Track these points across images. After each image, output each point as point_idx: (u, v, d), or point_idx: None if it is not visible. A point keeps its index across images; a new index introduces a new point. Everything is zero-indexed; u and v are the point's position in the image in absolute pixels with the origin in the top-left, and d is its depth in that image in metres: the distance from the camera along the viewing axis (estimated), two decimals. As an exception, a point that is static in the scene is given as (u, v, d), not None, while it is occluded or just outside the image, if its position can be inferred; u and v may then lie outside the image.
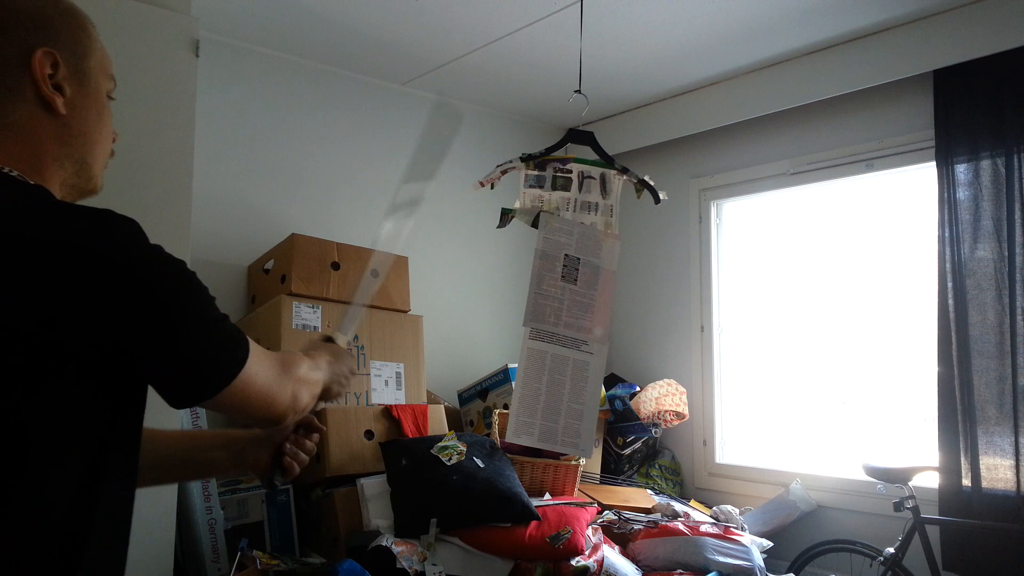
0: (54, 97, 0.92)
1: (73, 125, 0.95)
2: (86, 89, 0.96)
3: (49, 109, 0.92)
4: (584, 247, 1.99)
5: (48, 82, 0.91)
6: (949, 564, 2.66)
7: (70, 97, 0.94)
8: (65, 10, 0.95)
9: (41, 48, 0.91)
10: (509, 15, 2.79)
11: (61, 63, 0.92)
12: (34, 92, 0.91)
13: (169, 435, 1.25)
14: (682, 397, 3.44)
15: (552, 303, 1.98)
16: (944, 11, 2.72)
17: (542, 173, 2.16)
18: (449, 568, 2.26)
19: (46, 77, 0.91)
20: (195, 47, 2.15)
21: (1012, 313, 2.58)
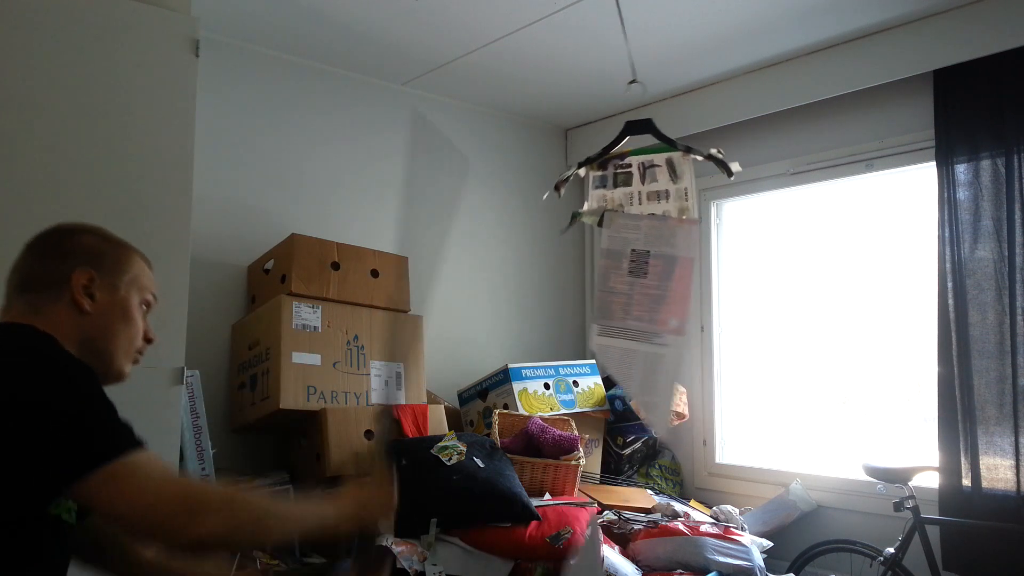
0: (82, 300, 1.18)
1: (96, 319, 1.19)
2: (115, 297, 1.22)
3: (78, 309, 1.18)
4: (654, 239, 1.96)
5: (81, 291, 1.18)
6: (949, 564, 2.66)
7: (99, 301, 1.20)
8: (116, 246, 1.26)
9: (80, 267, 1.19)
10: (509, 15, 2.79)
11: (96, 278, 1.20)
12: (69, 297, 1.18)
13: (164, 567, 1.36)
14: (682, 397, 3.43)
15: (620, 299, 1.96)
16: (944, 11, 2.72)
17: (604, 172, 2.14)
18: (449, 568, 2.26)
19: (80, 286, 1.18)
20: (195, 47, 2.15)
21: (1012, 313, 2.58)
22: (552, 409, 3.15)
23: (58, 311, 1.17)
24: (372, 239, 3.10)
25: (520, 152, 3.96)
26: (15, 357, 1.06)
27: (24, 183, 1.89)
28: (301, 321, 2.60)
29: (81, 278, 1.18)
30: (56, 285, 1.18)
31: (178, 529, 1.02)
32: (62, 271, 1.19)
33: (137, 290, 1.26)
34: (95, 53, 2.01)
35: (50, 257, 1.21)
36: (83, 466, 1.00)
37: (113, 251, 1.25)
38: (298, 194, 3.18)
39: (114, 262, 1.24)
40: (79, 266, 1.19)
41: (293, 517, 1.20)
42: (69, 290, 1.18)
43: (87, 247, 1.22)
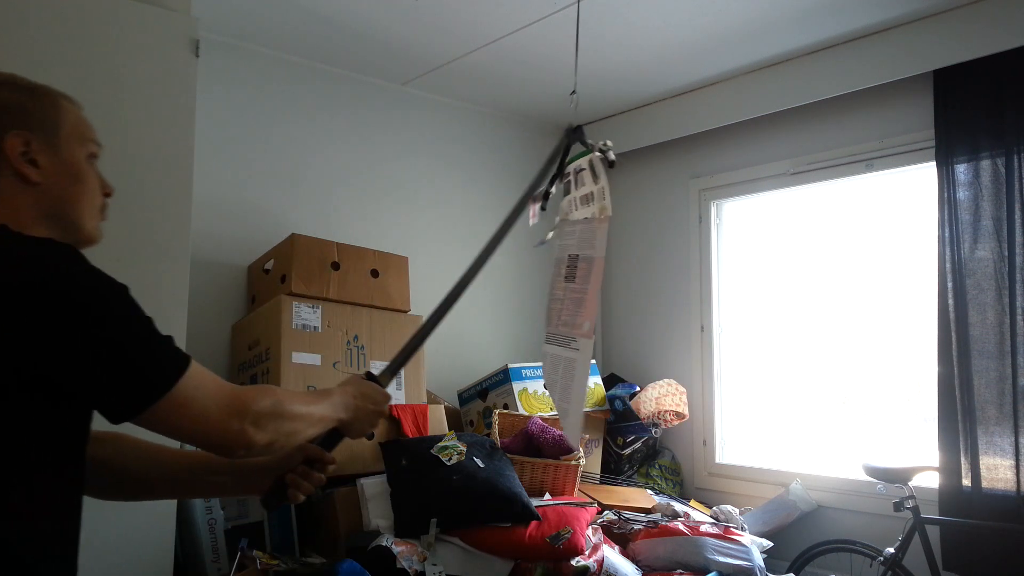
0: (26, 170, 1.06)
1: (50, 190, 1.08)
2: (59, 157, 1.10)
3: (25, 180, 1.06)
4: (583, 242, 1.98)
5: (20, 159, 1.06)
6: (949, 564, 2.66)
7: (44, 166, 1.08)
8: (39, 95, 1.12)
9: (11, 132, 1.06)
10: (509, 15, 2.79)
11: (32, 140, 1.07)
12: (11, 168, 1.05)
13: (182, 454, 1.32)
14: (682, 397, 3.44)
15: (556, 305, 1.98)
16: (944, 11, 2.72)
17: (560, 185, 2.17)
18: (449, 568, 2.26)
19: (18, 155, 1.06)
20: (195, 47, 2.15)
21: (1012, 313, 2.58)
22: (552, 409, 3.15)
23: (7, 190, 1.05)
24: (372, 239, 3.10)
25: (520, 152, 3.96)
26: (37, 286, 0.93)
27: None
28: (301, 321, 2.60)
29: (16, 145, 1.06)
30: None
31: (239, 442, 1.05)
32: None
33: (79, 143, 1.13)
34: (95, 53, 2.01)
35: None
36: (144, 402, 0.97)
37: (38, 104, 1.11)
38: (298, 194, 3.18)
39: (44, 117, 1.10)
40: (8, 130, 1.06)
41: (315, 418, 1.19)
42: (6, 162, 1.05)
43: (7, 105, 1.08)
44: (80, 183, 1.12)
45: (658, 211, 3.82)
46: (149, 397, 0.97)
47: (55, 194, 1.09)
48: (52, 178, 1.08)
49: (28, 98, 1.10)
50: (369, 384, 1.33)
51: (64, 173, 1.10)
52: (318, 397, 1.22)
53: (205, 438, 1.05)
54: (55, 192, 1.09)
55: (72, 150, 1.12)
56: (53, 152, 1.09)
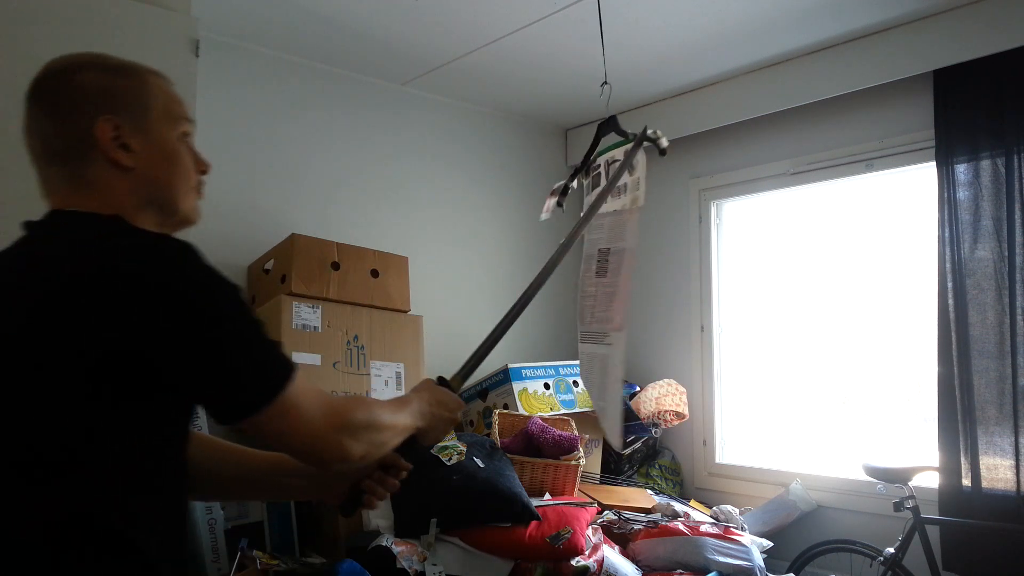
0: (119, 156, 1.02)
1: (144, 173, 1.05)
2: (151, 139, 1.06)
3: (119, 166, 1.03)
4: (613, 235, 1.94)
5: (112, 145, 1.02)
6: (949, 564, 2.66)
7: (137, 150, 1.04)
8: (125, 75, 1.07)
9: (101, 118, 1.01)
10: (510, 14, 2.79)
11: (122, 124, 1.03)
12: (103, 155, 1.02)
13: (260, 456, 1.29)
14: (682, 397, 3.44)
15: (589, 302, 1.94)
16: (944, 11, 2.72)
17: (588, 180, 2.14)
18: (449, 568, 2.26)
19: (110, 141, 1.02)
20: (195, 47, 2.15)
21: (1012, 313, 2.58)
22: (552, 409, 3.15)
23: (104, 179, 1.02)
24: (372, 239, 3.10)
25: (520, 152, 3.96)
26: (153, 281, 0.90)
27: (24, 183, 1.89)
28: (301, 321, 2.60)
29: (106, 131, 1.02)
30: (80, 146, 1.02)
31: (337, 454, 1.05)
32: (79, 127, 1.02)
33: (171, 122, 1.09)
34: (95, 53, 2.01)
35: (57, 112, 1.03)
36: (253, 406, 0.96)
37: (125, 85, 1.06)
38: (298, 194, 3.18)
39: (132, 98, 1.05)
40: (97, 117, 1.01)
41: (400, 428, 1.18)
42: (98, 149, 1.01)
43: (94, 88, 1.03)
44: (174, 164, 1.09)
45: (658, 211, 3.81)
46: (259, 401, 0.96)
47: (150, 178, 1.05)
48: (145, 162, 1.05)
49: (115, 79, 1.05)
50: (444, 391, 1.32)
51: (157, 155, 1.06)
52: (401, 405, 1.21)
53: (306, 448, 1.04)
54: (150, 176, 1.05)
55: (163, 130, 1.08)
56: (144, 134, 1.05)
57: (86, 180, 1.02)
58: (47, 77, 1.06)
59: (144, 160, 1.04)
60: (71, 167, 1.02)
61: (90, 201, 1.01)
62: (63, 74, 1.04)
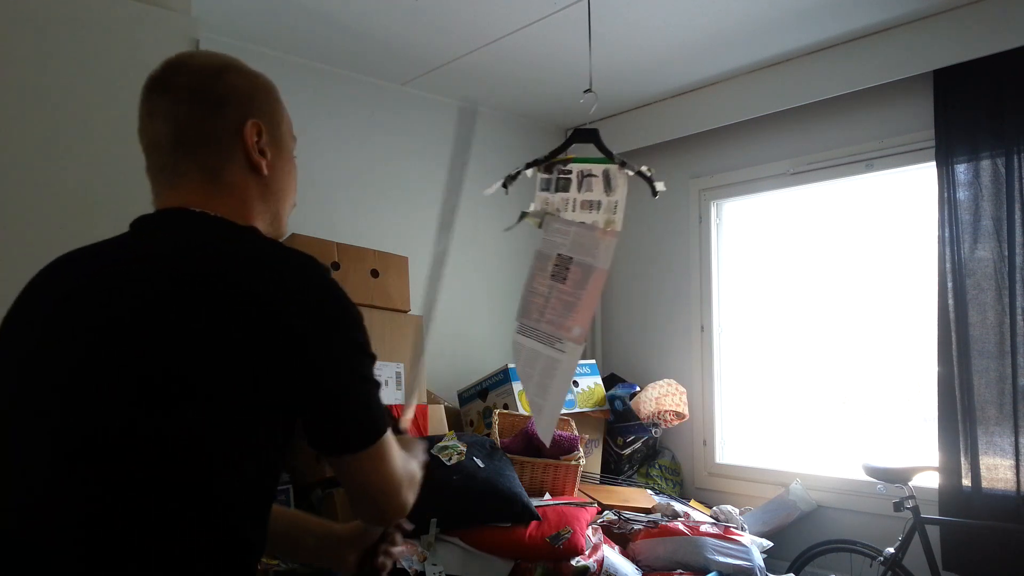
0: (260, 161, 1.03)
1: (272, 184, 1.06)
2: (281, 152, 1.08)
3: (255, 171, 1.03)
4: (578, 247, 1.99)
5: (256, 148, 1.02)
6: (949, 564, 2.66)
7: (270, 160, 1.05)
8: (266, 86, 1.09)
9: (251, 119, 1.02)
10: (509, 14, 2.79)
11: (264, 131, 1.04)
12: (244, 157, 1.02)
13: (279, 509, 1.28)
14: (682, 397, 3.44)
15: (538, 300, 1.99)
16: (944, 11, 2.72)
17: (549, 176, 2.16)
18: (449, 568, 2.26)
19: (254, 144, 1.02)
20: (195, 47, 2.15)
21: (1012, 313, 2.58)
22: (552, 409, 3.15)
23: (241, 180, 1.01)
24: (372, 239, 3.10)
25: (520, 152, 3.94)
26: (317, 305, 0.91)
27: (24, 183, 1.89)
28: (301, 321, 2.60)
29: (252, 133, 1.02)
30: (224, 139, 1.00)
31: (401, 508, 1.05)
32: (229, 122, 1.01)
33: (292, 141, 1.11)
34: (95, 53, 2.01)
35: (205, 102, 1.00)
36: (363, 443, 0.96)
37: (267, 95, 1.08)
38: (298, 194, 3.17)
39: (271, 109, 1.07)
40: (247, 117, 1.02)
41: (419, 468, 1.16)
42: (243, 148, 1.01)
43: (244, 91, 1.04)
44: (293, 180, 1.11)
45: (658, 211, 3.81)
46: (366, 441, 0.96)
47: (275, 189, 1.06)
48: (275, 172, 1.06)
49: (258, 87, 1.07)
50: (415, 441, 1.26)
51: (284, 169, 1.08)
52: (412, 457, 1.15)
53: (381, 496, 1.02)
54: (275, 187, 1.06)
55: (290, 145, 1.10)
56: (277, 146, 1.07)
57: (223, 178, 1.00)
58: (189, 71, 1.02)
59: (274, 170, 1.05)
60: (209, 159, 1.00)
61: (225, 201, 1.00)
62: (212, 71, 1.03)
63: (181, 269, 0.90)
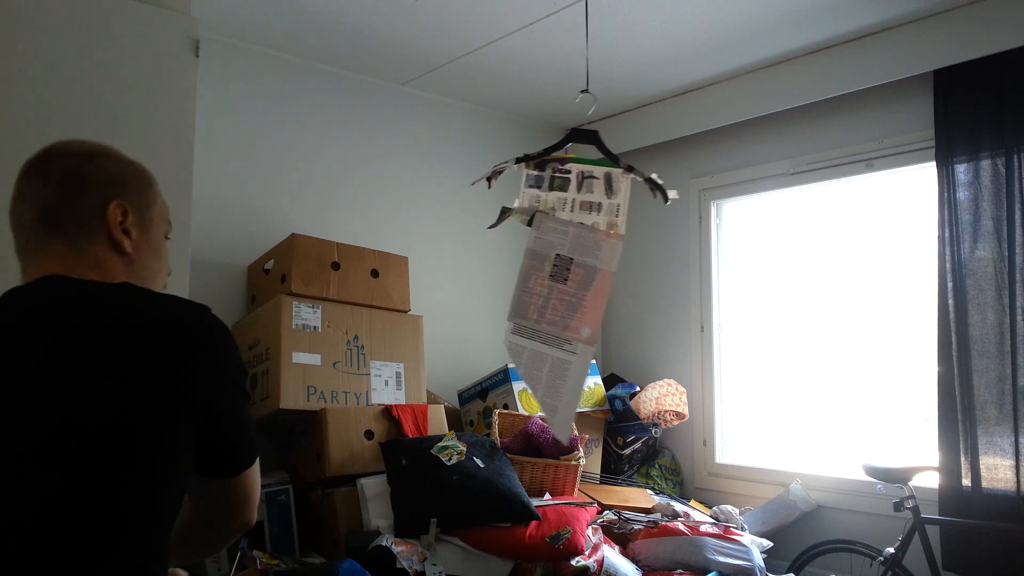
0: (123, 240, 1.09)
1: (136, 261, 1.12)
2: (148, 234, 1.14)
3: (118, 249, 1.09)
4: (579, 247, 1.97)
5: (119, 228, 1.09)
6: (949, 564, 2.66)
7: (135, 239, 1.11)
8: (137, 172, 1.15)
9: (115, 200, 1.09)
10: (509, 15, 2.79)
11: (131, 212, 1.10)
12: (107, 235, 1.08)
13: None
14: (682, 397, 3.44)
15: (536, 300, 1.98)
16: (944, 11, 2.72)
17: (541, 173, 2.15)
18: (449, 568, 2.26)
19: (117, 224, 1.08)
20: (195, 47, 2.15)
21: (1012, 313, 2.58)
22: (552, 409, 3.15)
23: (103, 254, 1.07)
24: (372, 239, 3.10)
25: (520, 152, 3.95)
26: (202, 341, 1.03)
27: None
28: (301, 321, 2.60)
29: (116, 214, 1.08)
30: (88, 221, 1.07)
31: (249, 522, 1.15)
32: (92, 204, 1.07)
33: (163, 223, 1.19)
34: (95, 53, 2.01)
35: (71, 186, 1.07)
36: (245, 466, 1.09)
37: (136, 178, 1.14)
38: (298, 194, 3.18)
39: (139, 191, 1.13)
40: (111, 199, 1.08)
41: None
42: (105, 228, 1.07)
43: (111, 175, 1.10)
44: (160, 260, 1.17)
45: (658, 211, 3.81)
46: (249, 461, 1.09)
47: (140, 266, 1.12)
48: (140, 251, 1.12)
49: (128, 172, 1.14)
50: None
51: (150, 248, 1.14)
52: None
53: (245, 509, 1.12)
54: (140, 264, 1.12)
55: (158, 228, 1.17)
56: (144, 227, 1.13)
57: (89, 254, 1.07)
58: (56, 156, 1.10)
59: (139, 249, 1.12)
60: (72, 237, 1.06)
61: (89, 270, 1.06)
62: (81, 156, 1.11)
63: (72, 317, 0.98)
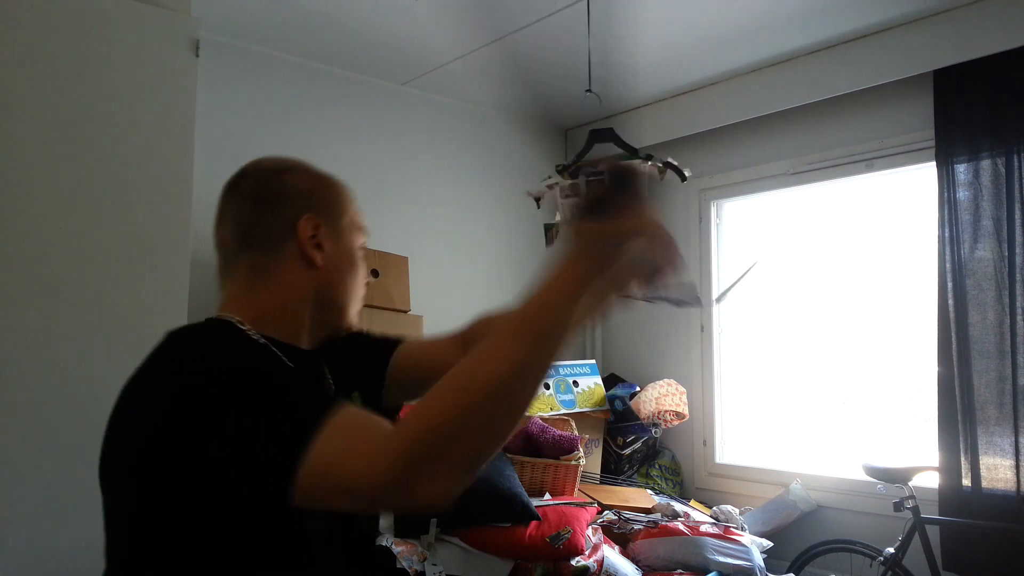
0: (314, 254, 1.07)
1: (327, 275, 1.09)
2: (341, 246, 1.12)
3: (309, 263, 1.07)
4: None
5: (309, 242, 1.06)
6: (949, 564, 2.66)
7: (327, 252, 1.08)
8: (327, 183, 1.15)
9: (306, 215, 1.07)
10: (510, 14, 2.79)
11: (321, 225, 1.08)
12: (297, 251, 1.06)
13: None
14: (682, 397, 3.44)
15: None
16: (944, 11, 2.72)
17: (576, 181, 2.14)
18: (449, 568, 2.26)
19: (307, 239, 1.06)
20: (195, 47, 2.15)
21: (1012, 313, 2.58)
22: (552, 409, 3.15)
23: (288, 269, 1.06)
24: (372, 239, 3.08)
25: (520, 152, 3.96)
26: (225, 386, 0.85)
27: (24, 183, 1.89)
28: (301, 321, 2.60)
29: (307, 228, 1.07)
30: (278, 237, 1.06)
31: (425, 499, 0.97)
32: (283, 220, 1.06)
33: (357, 232, 1.17)
34: (95, 53, 2.01)
35: (264, 203, 1.08)
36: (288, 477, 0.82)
37: (326, 191, 1.14)
38: (298, 194, 3.18)
39: (331, 204, 1.13)
40: (301, 214, 1.07)
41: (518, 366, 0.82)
42: (296, 243, 1.06)
43: (301, 189, 1.10)
44: (355, 270, 1.15)
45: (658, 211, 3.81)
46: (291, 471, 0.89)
47: (330, 279, 1.10)
48: (332, 264, 1.10)
49: (318, 184, 1.14)
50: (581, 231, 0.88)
51: (342, 260, 1.13)
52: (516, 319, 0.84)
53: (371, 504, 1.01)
54: (331, 278, 1.10)
55: (351, 238, 1.15)
56: (336, 238, 1.11)
57: (269, 270, 1.05)
58: (254, 175, 1.11)
59: (331, 261, 1.10)
60: (262, 256, 1.06)
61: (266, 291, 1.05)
62: (272, 172, 1.11)
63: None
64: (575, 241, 0.88)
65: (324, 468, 0.78)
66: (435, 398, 0.80)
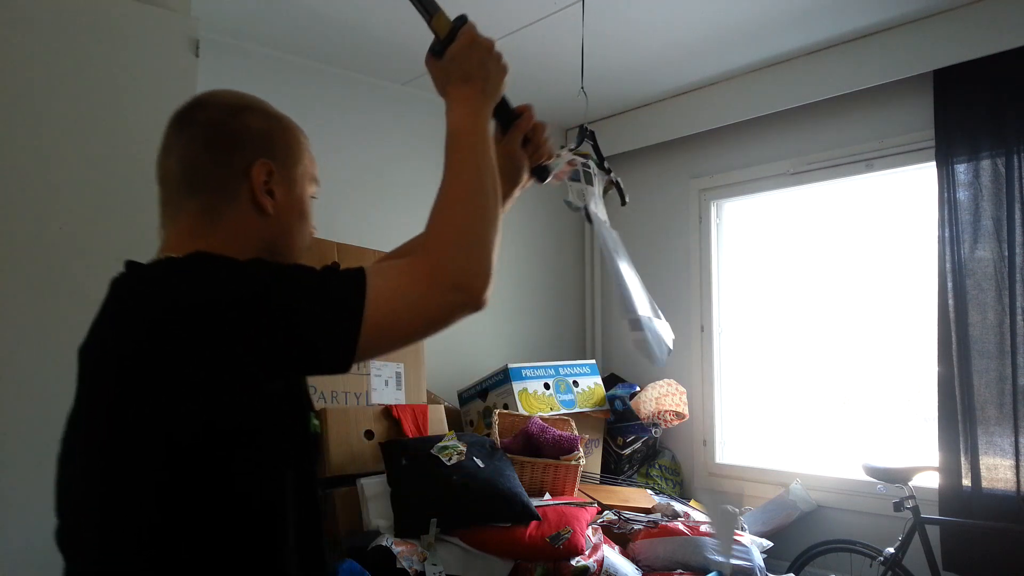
0: (265, 201, 1.04)
1: (279, 223, 1.08)
2: (292, 194, 1.09)
3: (260, 210, 1.05)
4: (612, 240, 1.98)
5: (262, 188, 1.04)
6: (949, 564, 2.66)
7: (278, 199, 1.06)
8: (285, 125, 1.11)
9: (260, 159, 1.04)
10: (509, 14, 2.79)
11: (275, 171, 1.05)
12: (249, 196, 1.04)
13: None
14: (682, 397, 3.44)
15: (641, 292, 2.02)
16: (944, 11, 2.72)
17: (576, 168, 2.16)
18: (449, 568, 2.26)
19: (261, 184, 1.04)
20: (195, 47, 2.15)
21: (1012, 313, 2.58)
22: (552, 409, 3.15)
23: (239, 216, 1.03)
24: (372, 239, 3.10)
25: (520, 152, 3.95)
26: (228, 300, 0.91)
27: (23, 183, 1.89)
28: (301, 321, 2.60)
29: (261, 173, 1.03)
30: (231, 182, 1.03)
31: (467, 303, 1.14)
32: (236, 164, 1.03)
33: (310, 181, 1.13)
34: (95, 53, 2.01)
35: (218, 144, 1.03)
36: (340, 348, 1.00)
37: (283, 135, 1.09)
38: (298, 194, 3.18)
39: (286, 149, 1.09)
40: (256, 158, 1.03)
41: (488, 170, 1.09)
42: (249, 188, 1.03)
43: (259, 131, 1.06)
44: (304, 220, 1.13)
45: (658, 211, 3.82)
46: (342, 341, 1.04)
47: (280, 228, 1.08)
48: (283, 212, 1.07)
49: (276, 127, 1.09)
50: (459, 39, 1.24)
51: (293, 208, 1.10)
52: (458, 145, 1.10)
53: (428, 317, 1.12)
54: (280, 226, 1.08)
55: (304, 187, 1.12)
56: (288, 186, 1.08)
57: (221, 216, 1.03)
58: (208, 107, 1.06)
59: (282, 209, 1.07)
60: (211, 200, 1.03)
61: (215, 236, 1.02)
62: (229, 110, 1.06)
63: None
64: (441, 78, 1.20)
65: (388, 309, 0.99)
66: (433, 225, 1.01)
